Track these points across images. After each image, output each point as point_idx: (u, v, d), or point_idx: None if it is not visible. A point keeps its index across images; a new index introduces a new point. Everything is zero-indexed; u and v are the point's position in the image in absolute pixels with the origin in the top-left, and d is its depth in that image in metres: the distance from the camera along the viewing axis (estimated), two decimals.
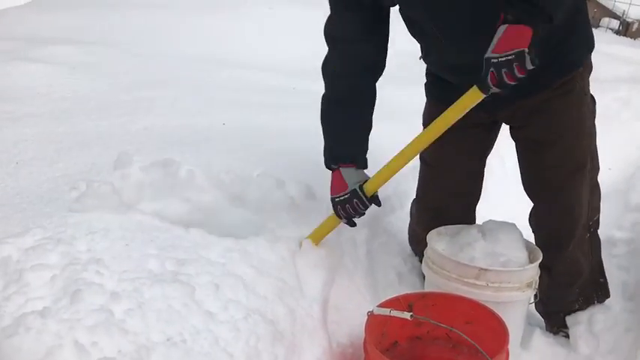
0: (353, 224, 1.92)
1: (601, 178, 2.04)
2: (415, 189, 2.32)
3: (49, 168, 2.31)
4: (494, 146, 2.18)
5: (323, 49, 1.87)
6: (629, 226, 2.48)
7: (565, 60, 1.83)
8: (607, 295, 2.17)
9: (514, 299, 1.83)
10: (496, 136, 2.16)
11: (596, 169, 2.03)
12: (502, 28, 1.51)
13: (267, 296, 1.58)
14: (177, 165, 2.05)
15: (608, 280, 2.18)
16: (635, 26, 9.38)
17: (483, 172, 2.21)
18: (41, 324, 1.25)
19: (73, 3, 5.62)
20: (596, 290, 2.15)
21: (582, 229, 2.04)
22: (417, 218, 2.31)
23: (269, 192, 2.01)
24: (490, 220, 2.04)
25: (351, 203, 1.82)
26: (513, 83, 1.52)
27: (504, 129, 2.10)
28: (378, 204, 1.87)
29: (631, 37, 9.84)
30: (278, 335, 1.50)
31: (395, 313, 1.62)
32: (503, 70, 1.50)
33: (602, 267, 2.17)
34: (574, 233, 2.01)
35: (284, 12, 5.74)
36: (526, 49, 1.48)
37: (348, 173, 1.86)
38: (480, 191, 2.23)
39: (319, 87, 1.89)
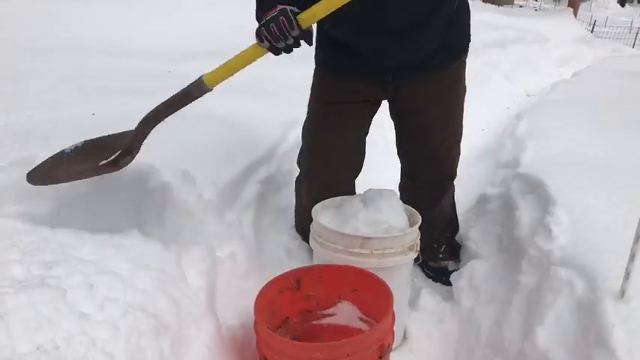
0: (277, 51, 1.61)
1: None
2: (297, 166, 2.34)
3: None
4: (378, 122, 2.31)
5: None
6: (499, 181, 2.61)
7: (455, 45, 2.05)
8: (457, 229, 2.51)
9: (398, 263, 1.87)
10: (373, 116, 2.23)
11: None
12: None
13: (148, 289, 1.50)
14: None
15: (485, 235, 2.32)
16: None
17: (365, 147, 2.27)
18: None
19: None
20: (452, 230, 2.44)
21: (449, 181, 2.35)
22: (304, 192, 2.32)
23: (143, 180, 1.92)
24: (370, 189, 2.07)
25: (277, 21, 1.55)
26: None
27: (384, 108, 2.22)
28: (310, 42, 1.63)
29: (496, 4, 10.44)
30: (162, 328, 1.44)
31: None
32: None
33: (454, 205, 2.49)
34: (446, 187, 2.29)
35: None
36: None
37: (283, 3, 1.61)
38: (362, 166, 2.30)
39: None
